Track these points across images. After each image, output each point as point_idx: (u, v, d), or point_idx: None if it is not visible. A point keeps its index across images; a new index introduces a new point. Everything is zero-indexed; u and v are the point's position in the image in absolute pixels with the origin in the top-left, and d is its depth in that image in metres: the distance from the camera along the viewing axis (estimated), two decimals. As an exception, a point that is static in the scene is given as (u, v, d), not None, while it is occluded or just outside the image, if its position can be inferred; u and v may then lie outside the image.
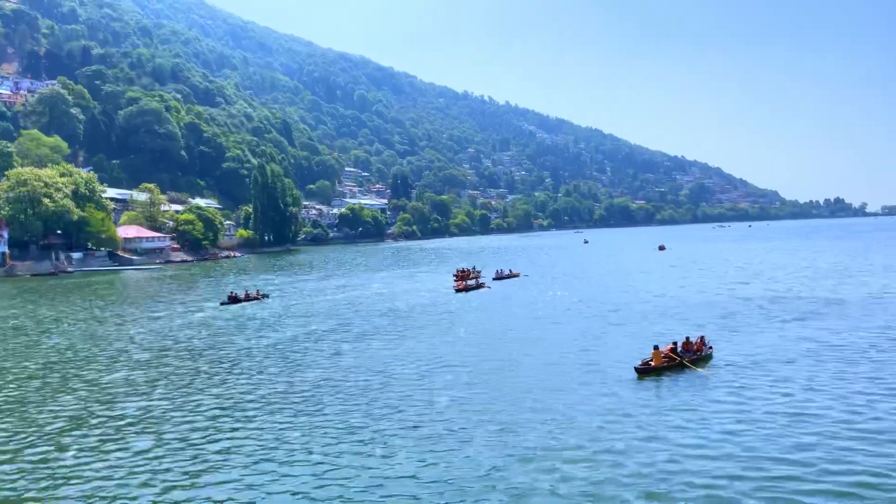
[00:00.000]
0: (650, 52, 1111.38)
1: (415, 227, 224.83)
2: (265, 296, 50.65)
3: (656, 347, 22.95)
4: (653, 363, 22.32)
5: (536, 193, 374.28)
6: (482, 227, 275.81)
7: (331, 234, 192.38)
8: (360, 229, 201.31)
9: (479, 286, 54.33)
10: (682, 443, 15.52)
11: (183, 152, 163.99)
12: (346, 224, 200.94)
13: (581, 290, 51.13)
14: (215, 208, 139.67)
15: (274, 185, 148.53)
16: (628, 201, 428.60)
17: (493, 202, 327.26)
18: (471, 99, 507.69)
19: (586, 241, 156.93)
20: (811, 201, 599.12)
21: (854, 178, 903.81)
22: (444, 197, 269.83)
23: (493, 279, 60.00)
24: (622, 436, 16.12)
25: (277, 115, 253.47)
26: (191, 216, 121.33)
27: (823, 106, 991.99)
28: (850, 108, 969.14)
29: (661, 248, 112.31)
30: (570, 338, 29.94)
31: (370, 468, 14.57)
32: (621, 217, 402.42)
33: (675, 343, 23.83)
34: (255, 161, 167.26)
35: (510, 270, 65.05)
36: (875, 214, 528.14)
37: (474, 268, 58.14)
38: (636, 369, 22.07)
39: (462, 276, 54.73)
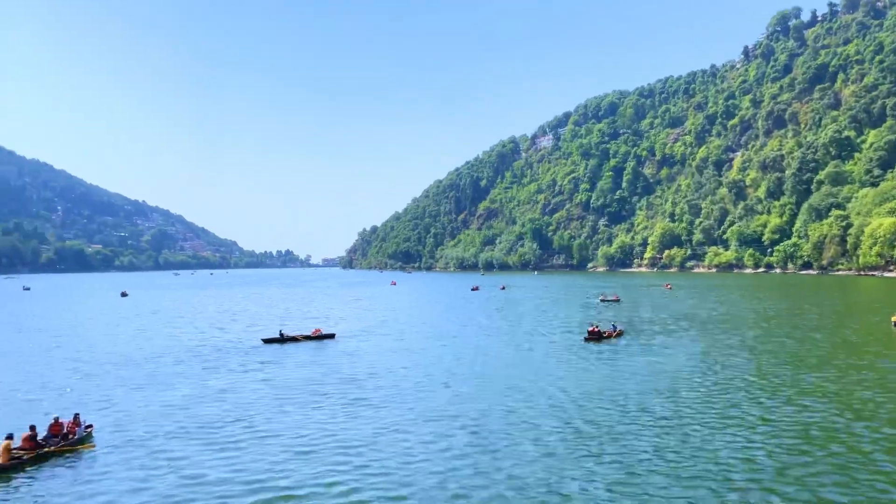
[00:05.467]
0: (110, 84, 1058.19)
1: None
2: None
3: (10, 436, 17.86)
4: None
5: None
6: None
7: None
8: None
9: None
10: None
11: None
12: None
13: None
14: None
15: None
16: (83, 245, 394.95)
17: None
18: None
19: (27, 289, 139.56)
20: (266, 252, 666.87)
21: (301, 234, 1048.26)
22: None
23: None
24: None
25: None
26: None
27: (274, 165, 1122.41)
28: (295, 171, 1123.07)
29: (124, 294, 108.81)
30: None
31: None
32: (75, 262, 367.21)
33: (33, 427, 18.72)
34: None
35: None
36: (317, 266, 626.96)
37: None
38: None
39: None
